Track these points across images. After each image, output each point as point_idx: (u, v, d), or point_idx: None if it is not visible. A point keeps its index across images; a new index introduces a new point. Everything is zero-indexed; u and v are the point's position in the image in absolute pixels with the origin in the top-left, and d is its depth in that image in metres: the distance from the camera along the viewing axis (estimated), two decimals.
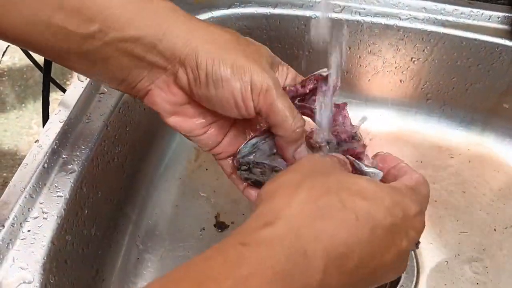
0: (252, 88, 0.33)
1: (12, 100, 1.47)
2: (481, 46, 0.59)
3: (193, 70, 0.33)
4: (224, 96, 0.33)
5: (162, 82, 0.35)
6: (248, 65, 0.33)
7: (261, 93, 0.33)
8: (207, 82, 0.33)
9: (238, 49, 0.34)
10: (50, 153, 0.45)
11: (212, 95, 0.34)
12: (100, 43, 0.32)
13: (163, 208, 0.60)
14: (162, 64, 0.34)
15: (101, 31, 0.32)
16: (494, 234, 0.59)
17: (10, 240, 0.40)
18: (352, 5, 0.61)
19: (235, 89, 0.33)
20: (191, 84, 0.34)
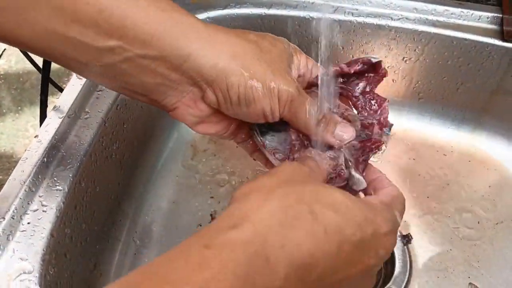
0: (279, 100, 0.35)
1: (9, 103, 1.47)
2: (471, 45, 0.61)
3: (223, 92, 0.34)
4: (255, 112, 0.35)
5: (189, 99, 0.36)
6: (275, 80, 0.34)
7: (286, 103, 0.35)
8: (239, 102, 0.35)
9: (263, 60, 0.35)
10: (49, 148, 0.46)
11: (243, 111, 0.35)
12: (120, 58, 0.32)
13: (160, 205, 0.60)
14: (188, 83, 0.34)
15: (120, 47, 0.31)
16: (485, 229, 0.60)
17: (10, 232, 0.41)
18: (345, 6, 0.62)
19: (266, 105, 0.35)
20: (221, 103, 0.35)
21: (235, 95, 0.34)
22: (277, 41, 0.37)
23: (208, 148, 0.67)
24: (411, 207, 0.61)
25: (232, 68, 0.33)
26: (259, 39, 0.36)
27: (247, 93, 0.34)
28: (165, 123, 0.65)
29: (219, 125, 0.39)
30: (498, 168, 0.66)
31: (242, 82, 0.33)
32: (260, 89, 0.34)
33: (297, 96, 0.35)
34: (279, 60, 0.36)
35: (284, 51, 0.37)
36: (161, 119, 0.64)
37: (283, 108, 0.35)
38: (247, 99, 0.34)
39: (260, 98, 0.34)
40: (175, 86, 0.34)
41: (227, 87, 0.34)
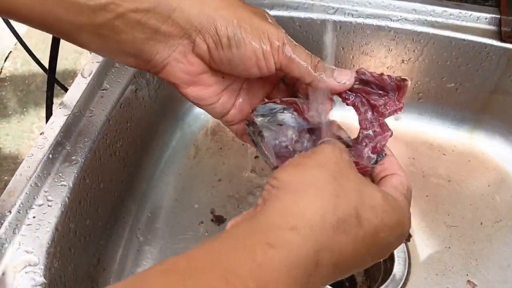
0: (271, 44, 0.35)
1: (14, 105, 1.49)
2: (469, 46, 0.62)
3: (212, 36, 0.34)
4: (247, 55, 0.35)
5: (179, 53, 0.36)
6: (263, 24, 0.35)
7: (279, 48, 0.35)
8: (229, 45, 0.34)
9: (249, 10, 0.35)
10: (54, 145, 0.47)
11: (235, 56, 0.35)
12: (113, 15, 0.32)
13: (163, 202, 0.61)
14: (178, 34, 0.34)
15: (113, 3, 0.32)
16: (483, 228, 0.60)
17: (16, 225, 0.42)
18: (345, 7, 0.63)
19: (256, 47, 0.34)
20: (211, 50, 0.35)
21: (225, 36, 0.34)
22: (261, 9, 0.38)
23: (210, 147, 0.68)
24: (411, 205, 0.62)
25: (219, 12, 0.34)
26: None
27: (236, 33, 0.34)
28: (168, 122, 0.66)
29: (210, 90, 0.38)
30: (497, 167, 0.66)
31: (230, 23, 0.34)
32: (248, 29, 0.34)
33: (287, 40, 0.35)
34: (265, 15, 0.37)
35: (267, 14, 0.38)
36: (164, 118, 0.65)
37: (277, 54, 0.35)
38: (237, 40, 0.34)
39: (250, 39, 0.34)
40: (165, 40, 0.35)
41: (216, 30, 0.34)
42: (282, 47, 0.35)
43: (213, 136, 0.69)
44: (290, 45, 0.35)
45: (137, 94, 0.58)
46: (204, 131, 0.69)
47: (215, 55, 0.35)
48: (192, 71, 0.37)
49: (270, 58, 0.35)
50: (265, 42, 0.34)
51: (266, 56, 0.35)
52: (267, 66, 0.35)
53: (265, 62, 0.35)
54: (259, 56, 0.35)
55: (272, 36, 0.35)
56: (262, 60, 0.35)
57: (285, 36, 0.35)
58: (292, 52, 0.35)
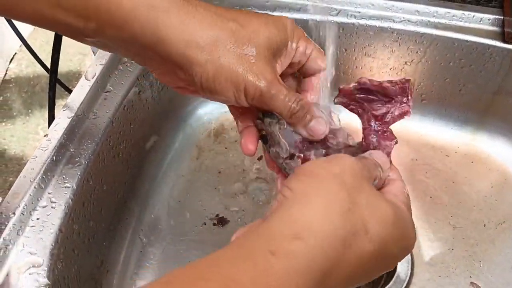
0: (246, 94, 0.35)
1: (19, 106, 1.50)
2: (473, 47, 0.61)
3: (189, 77, 0.35)
4: (219, 100, 0.37)
5: (165, 71, 0.37)
6: (242, 74, 0.34)
7: (254, 97, 0.35)
8: (202, 90, 0.36)
9: (234, 52, 0.35)
10: (58, 147, 0.48)
11: (208, 97, 0.37)
12: (101, 37, 0.34)
13: (166, 203, 0.62)
14: (160, 62, 0.36)
15: (98, 29, 0.33)
16: (487, 230, 0.60)
17: (20, 227, 0.42)
18: (347, 9, 0.63)
19: (230, 96, 0.35)
20: (189, 81, 0.36)
21: (199, 83, 0.35)
22: (270, 25, 0.37)
23: (213, 149, 0.68)
24: (413, 207, 0.61)
25: (197, 58, 0.34)
26: (240, 26, 0.36)
27: (209, 85, 0.35)
28: (171, 124, 0.66)
29: (196, 94, 0.39)
30: (500, 168, 0.66)
31: (205, 74, 0.34)
32: (223, 83, 0.34)
33: (266, 90, 0.35)
34: (261, 48, 0.35)
35: (274, 36, 0.36)
36: (167, 120, 0.65)
37: (251, 100, 0.36)
38: (210, 90, 0.35)
39: (223, 90, 0.35)
40: (149, 59, 0.36)
41: (192, 75, 0.35)
42: (258, 97, 0.35)
43: (216, 137, 0.69)
44: (268, 95, 0.35)
45: (141, 96, 0.58)
46: (207, 133, 0.69)
47: (191, 87, 0.37)
48: (180, 85, 0.38)
49: (243, 102, 0.36)
50: (239, 93, 0.35)
51: (238, 101, 0.36)
52: (240, 105, 0.37)
53: (238, 103, 0.36)
54: (230, 101, 0.36)
55: (249, 86, 0.35)
56: (234, 103, 0.36)
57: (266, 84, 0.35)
58: (267, 103, 0.36)
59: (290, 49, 0.38)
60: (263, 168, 0.65)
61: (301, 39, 0.39)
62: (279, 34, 0.37)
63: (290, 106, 0.36)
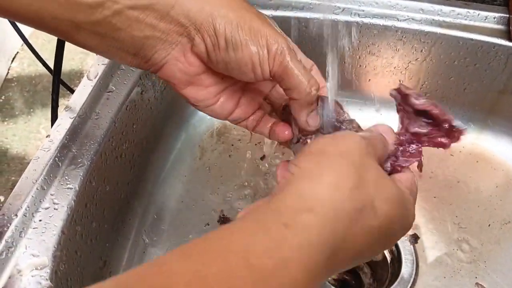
0: (268, 50, 0.34)
1: (21, 105, 1.50)
2: (477, 46, 0.61)
3: (211, 36, 0.34)
4: (243, 60, 0.34)
5: (178, 51, 0.35)
6: (263, 29, 0.34)
7: (276, 55, 0.34)
8: (226, 47, 0.34)
9: (251, 11, 0.34)
10: (60, 148, 0.47)
11: (231, 59, 0.34)
12: (110, 12, 0.31)
13: (169, 204, 0.61)
14: (177, 31, 0.34)
15: (110, 0, 0.31)
16: (492, 230, 0.60)
17: (22, 229, 0.42)
18: (351, 7, 0.63)
19: (253, 52, 0.34)
20: (209, 50, 0.34)
21: (222, 37, 0.33)
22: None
23: (216, 148, 0.68)
24: (418, 206, 0.61)
25: (219, 11, 0.33)
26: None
27: (234, 35, 0.33)
28: (174, 124, 0.66)
29: (209, 90, 0.38)
30: (505, 168, 0.66)
31: (229, 24, 0.33)
32: (247, 31, 0.33)
33: (287, 49, 0.34)
34: (268, 19, 0.35)
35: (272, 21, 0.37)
36: (170, 120, 0.65)
37: (272, 60, 0.34)
38: (234, 43, 0.33)
39: (247, 42, 0.33)
40: (164, 38, 0.34)
41: (214, 29, 0.33)
42: (279, 54, 0.34)
43: (219, 137, 0.69)
44: (289, 56, 0.34)
45: (143, 96, 0.57)
46: (209, 133, 0.69)
47: (212, 56, 0.35)
48: (191, 71, 0.36)
49: (266, 66, 0.34)
50: (262, 47, 0.34)
51: (262, 63, 0.34)
52: (263, 74, 0.35)
53: (261, 69, 0.34)
54: (255, 62, 0.34)
55: (271, 41, 0.34)
56: (258, 66, 0.34)
57: (287, 45, 0.34)
58: (287, 65, 0.34)
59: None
60: (267, 168, 0.65)
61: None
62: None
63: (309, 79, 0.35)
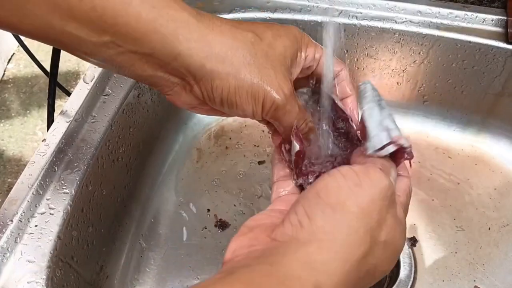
0: (263, 106, 0.35)
1: (17, 107, 1.49)
2: (475, 48, 0.61)
3: (207, 92, 0.34)
4: (237, 114, 0.36)
5: (179, 89, 0.36)
6: (262, 88, 0.34)
7: (270, 109, 0.35)
8: (221, 104, 0.35)
9: (255, 64, 0.34)
10: (56, 152, 0.47)
11: (226, 111, 0.36)
12: (114, 52, 0.32)
13: (166, 207, 0.61)
14: (177, 78, 0.35)
15: (113, 43, 0.31)
16: (490, 232, 0.60)
17: (18, 234, 0.42)
18: (349, 9, 0.62)
19: (248, 109, 0.35)
20: (206, 99, 0.36)
21: (219, 97, 0.34)
22: (283, 37, 0.37)
23: (213, 151, 0.67)
24: (416, 209, 0.61)
25: (218, 71, 0.33)
26: (259, 38, 0.35)
27: (230, 98, 0.34)
28: (171, 126, 0.66)
29: (214, 112, 0.39)
30: (503, 170, 0.65)
31: (226, 87, 0.34)
32: (244, 96, 0.34)
33: (282, 105, 0.35)
34: (277, 61, 0.36)
35: (288, 48, 0.36)
36: (167, 123, 0.65)
37: (266, 113, 0.36)
38: (229, 103, 0.35)
39: (243, 103, 0.35)
40: (166, 78, 0.35)
41: (212, 89, 0.34)
42: (273, 111, 0.35)
43: (216, 140, 0.68)
44: (282, 110, 0.35)
45: (140, 99, 0.57)
46: (207, 135, 0.69)
47: (208, 103, 0.36)
48: (193, 103, 0.37)
49: (258, 115, 0.36)
50: (257, 106, 0.35)
51: (255, 115, 0.36)
52: (255, 118, 0.37)
53: (254, 117, 0.36)
54: (248, 115, 0.36)
55: (267, 98, 0.35)
56: (251, 117, 0.36)
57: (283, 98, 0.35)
58: (280, 117, 0.36)
59: (299, 59, 0.38)
60: (265, 171, 0.65)
61: (309, 45, 0.38)
62: (291, 46, 0.37)
63: (298, 126, 0.37)
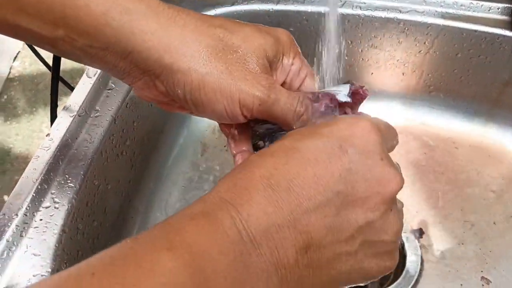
0: (242, 105, 0.31)
1: (23, 105, 1.50)
2: (481, 37, 0.60)
3: (169, 87, 0.31)
4: (206, 114, 0.33)
5: (142, 84, 0.33)
6: (233, 85, 0.31)
7: (254, 107, 0.32)
8: (186, 101, 0.32)
9: (221, 60, 0.31)
10: (61, 146, 0.47)
11: (193, 111, 0.33)
12: (71, 46, 0.31)
13: (171, 201, 0.61)
14: (136, 72, 0.32)
15: (68, 36, 0.30)
16: (497, 223, 0.59)
17: (23, 228, 0.42)
18: (353, 0, 0.62)
19: (220, 109, 0.31)
20: (171, 95, 0.32)
21: (182, 93, 0.31)
22: (263, 34, 0.33)
23: (217, 145, 0.67)
24: (423, 201, 0.61)
25: (178, 65, 0.30)
26: (229, 33, 0.32)
27: (194, 94, 0.31)
28: (175, 120, 0.66)
29: (182, 109, 0.35)
30: (510, 160, 0.65)
31: (189, 82, 0.30)
32: (210, 93, 0.31)
33: (265, 97, 0.31)
34: (251, 57, 0.32)
35: (265, 46, 0.33)
36: (171, 117, 0.65)
37: (250, 112, 0.32)
38: (194, 101, 0.31)
39: (211, 102, 0.31)
40: (126, 73, 0.32)
41: (174, 84, 0.31)
42: (258, 107, 0.31)
43: (221, 133, 0.68)
44: (269, 102, 0.31)
45: None
46: (211, 129, 0.69)
47: (175, 99, 0.33)
48: (158, 98, 0.34)
49: (238, 116, 0.32)
50: (232, 105, 0.31)
51: (232, 116, 0.32)
52: (233, 121, 0.33)
53: (231, 119, 0.32)
54: (222, 116, 0.32)
55: (244, 97, 0.31)
56: (227, 118, 0.32)
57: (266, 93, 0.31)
58: (268, 112, 0.32)
59: (286, 65, 0.35)
60: None
61: (297, 57, 0.35)
62: (274, 44, 0.33)
63: (295, 110, 0.32)
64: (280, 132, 0.35)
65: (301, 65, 0.36)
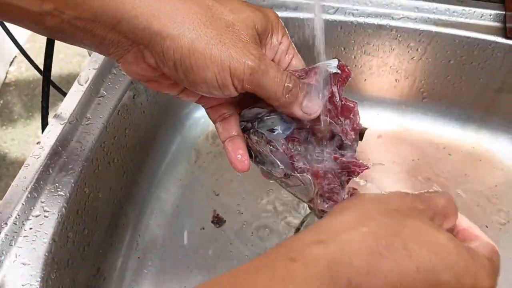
0: (233, 74, 0.31)
1: (19, 110, 1.50)
2: (474, 44, 0.60)
3: (159, 56, 0.31)
4: (196, 82, 0.32)
5: (130, 57, 0.33)
6: (224, 51, 0.31)
7: (244, 77, 0.31)
8: (176, 70, 0.31)
9: (212, 26, 0.31)
10: (51, 154, 0.47)
11: (183, 81, 0.32)
12: (59, 20, 0.30)
13: (164, 208, 0.61)
14: (127, 43, 0.32)
15: (56, 10, 0.30)
16: (491, 230, 0.59)
17: (12, 237, 0.41)
18: (345, 6, 0.62)
19: (210, 77, 0.31)
20: (160, 66, 0.32)
21: (171, 60, 0.31)
22: (252, 8, 0.33)
23: (211, 151, 0.67)
24: None
25: (168, 31, 0.30)
26: (218, 4, 0.32)
27: (184, 60, 0.30)
28: (168, 127, 0.66)
29: (171, 88, 0.36)
30: (504, 167, 0.65)
31: (179, 48, 0.30)
32: (201, 59, 0.30)
33: (256, 66, 0.31)
34: (240, 27, 0.32)
35: (254, 19, 0.33)
36: (164, 123, 0.64)
37: (241, 82, 0.32)
38: (184, 67, 0.31)
39: (200, 69, 0.31)
40: (115, 45, 0.32)
41: (163, 51, 0.31)
42: (249, 76, 0.31)
43: (214, 140, 0.68)
44: (260, 72, 0.32)
45: (135, 100, 0.57)
46: (204, 135, 0.69)
47: (164, 71, 0.33)
48: (146, 74, 0.34)
49: (228, 87, 0.32)
50: (222, 73, 0.31)
51: (223, 86, 0.32)
52: (224, 93, 0.33)
53: (222, 90, 0.32)
54: (213, 85, 0.32)
55: (235, 64, 0.31)
56: (217, 88, 0.32)
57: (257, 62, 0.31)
58: (258, 82, 0.32)
59: (274, 43, 0.35)
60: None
61: (285, 36, 0.36)
62: (263, 19, 0.33)
63: (284, 84, 0.32)
64: (268, 117, 0.36)
65: (289, 45, 0.36)
